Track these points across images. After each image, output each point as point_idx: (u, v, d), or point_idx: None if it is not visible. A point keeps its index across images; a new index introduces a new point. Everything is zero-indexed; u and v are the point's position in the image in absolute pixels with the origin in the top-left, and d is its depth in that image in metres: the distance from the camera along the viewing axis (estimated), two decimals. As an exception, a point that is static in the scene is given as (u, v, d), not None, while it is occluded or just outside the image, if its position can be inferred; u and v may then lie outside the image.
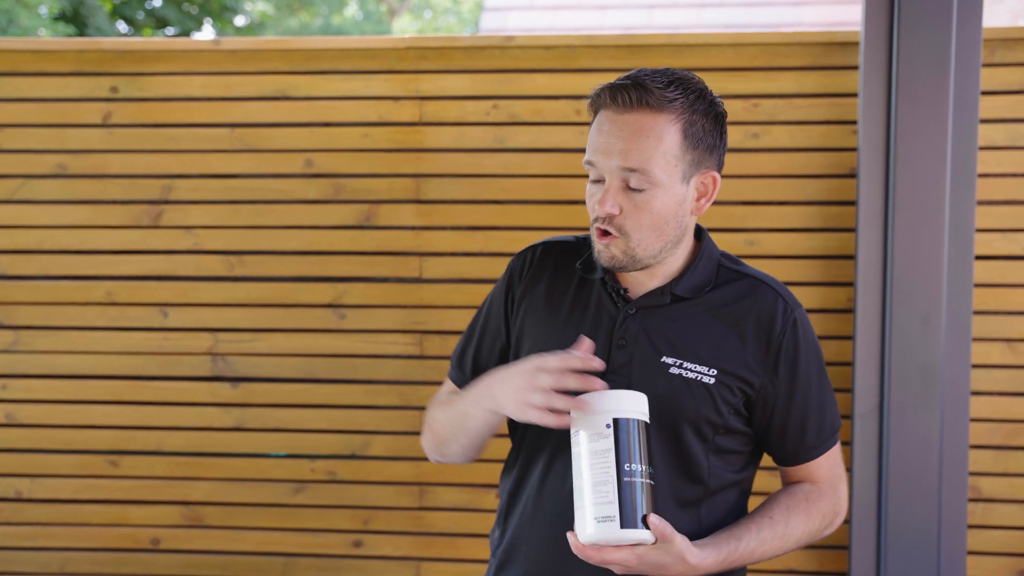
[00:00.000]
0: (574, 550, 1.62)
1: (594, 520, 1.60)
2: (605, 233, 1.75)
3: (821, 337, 3.25)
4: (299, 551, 3.47)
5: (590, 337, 1.79)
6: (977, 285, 3.19)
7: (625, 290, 1.83)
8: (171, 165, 3.41)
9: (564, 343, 1.80)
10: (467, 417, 1.85)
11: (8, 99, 3.43)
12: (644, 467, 1.61)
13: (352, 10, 17.65)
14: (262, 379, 3.44)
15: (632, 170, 1.70)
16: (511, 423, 1.93)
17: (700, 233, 1.89)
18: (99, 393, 3.47)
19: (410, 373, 3.39)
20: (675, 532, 1.63)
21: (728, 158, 3.23)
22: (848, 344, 3.24)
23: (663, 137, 1.71)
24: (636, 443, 1.61)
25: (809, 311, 3.20)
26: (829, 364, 3.24)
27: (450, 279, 3.36)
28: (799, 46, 3.25)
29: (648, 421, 1.65)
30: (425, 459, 3.40)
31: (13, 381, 3.48)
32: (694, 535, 1.75)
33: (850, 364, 3.23)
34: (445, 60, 3.34)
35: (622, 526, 1.59)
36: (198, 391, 3.45)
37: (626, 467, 1.59)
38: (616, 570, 1.65)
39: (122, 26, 12.97)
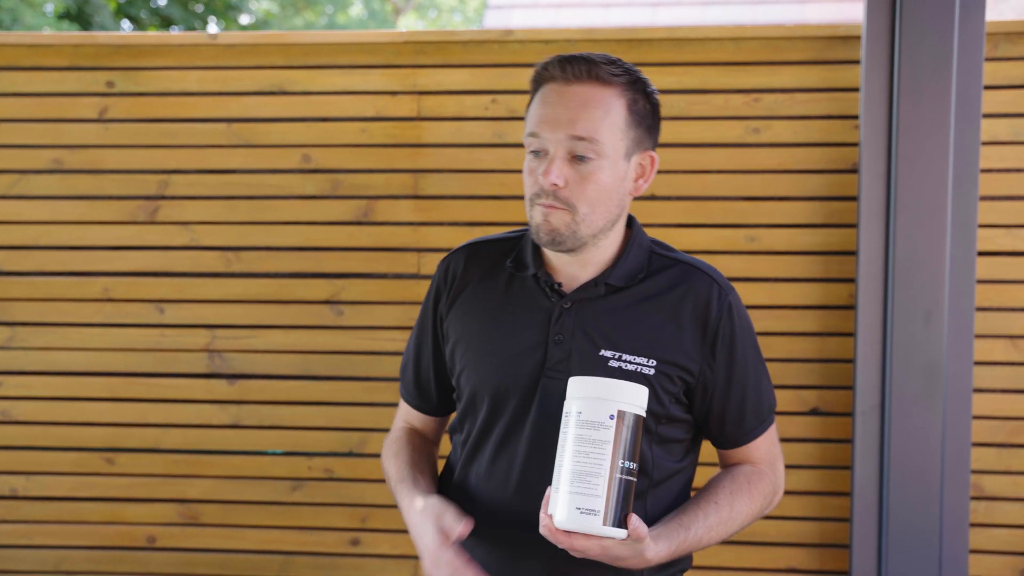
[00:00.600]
0: (543, 530, 1.59)
1: (576, 509, 1.56)
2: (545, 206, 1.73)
3: (822, 334, 3.23)
4: (296, 549, 3.45)
5: (524, 334, 1.80)
6: (980, 281, 3.16)
7: (559, 284, 1.81)
8: (168, 160, 3.39)
9: (499, 344, 1.81)
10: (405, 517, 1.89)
11: (3, 94, 3.41)
12: (635, 465, 1.59)
13: (357, 9, 17.64)
14: (259, 376, 3.41)
15: (580, 138, 1.69)
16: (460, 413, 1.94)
17: (630, 222, 1.88)
18: (95, 390, 3.45)
19: (408, 370, 3.36)
20: (647, 533, 1.62)
21: (729, 153, 3.23)
22: (849, 341, 3.21)
23: (610, 109, 1.71)
24: (634, 440, 1.58)
25: (810, 307, 3.20)
26: (830, 361, 3.22)
27: (448, 275, 3.33)
28: (800, 40, 3.22)
29: (645, 416, 1.62)
30: (423, 457, 3.38)
31: (9, 378, 3.46)
32: None
33: (851, 361, 3.20)
34: (443, 54, 3.32)
35: (604, 523, 1.56)
36: (195, 388, 3.43)
37: (620, 463, 1.57)
38: (575, 555, 1.62)
39: (126, 24, 12.96)
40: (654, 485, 1.80)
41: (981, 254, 3.16)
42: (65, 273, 3.43)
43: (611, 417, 1.56)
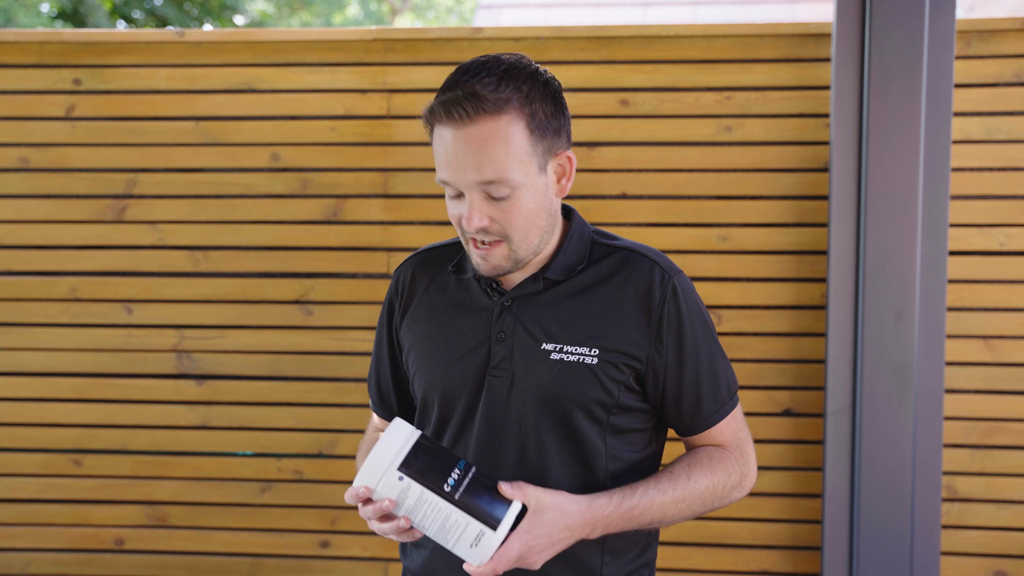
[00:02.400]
0: None
1: (469, 547, 1.57)
2: (482, 243, 1.71)
3: (794, 334, 3.20)
4: (266, 551, 3.42)
5: (468, 335, 1.78)
6: (951, 281, 3.13)
7: (498, 283, 1.79)
8: (135, 159, 3.36)
9: (445, 346, 1.79)
10: None
11: (-30, 92, 3.38)
12: (456, 472, 1.58)
13: (354, 10, 17.61)
14: (228, 377, 3.39)
15: (490, 182, 1.64)
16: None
17: (569, 213, 1.85)
18: (62, 391, 3.42)
19: (377, 370, 3.34)
20: (530, 491, 1.61)
21: (701, 152, 3.20)
22: (821, 341, 3.18)
23: (510, 140, 1.64)
24: (428, 467, 1.57)
25: (782, 308, 3.16)
26: (801, 362, 3.19)
27: (418, 275, 3.30)
28: (772, 38, 3.20)
29: (419, 432, 1.62)
30: (392, 458, 3.35)
31: (-24, 378, 3.44)
32: None
33: (822, 361, 3.17)
34: (413, 52, 3.29)
35: (495, 530, 1.56)
36: (163, 389, 3.40)
37: (446, 489, 1.56)
38: (523, 566, 1.61)
39: (122, 25, 12.94)
40: (612, 477, 1.76)
41: (953, 253, 3.13)
42: (31, 273, 3.40)
43: (400, 479, 1.56)
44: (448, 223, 3.29)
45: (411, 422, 2.02)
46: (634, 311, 1.74)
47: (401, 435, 1.60)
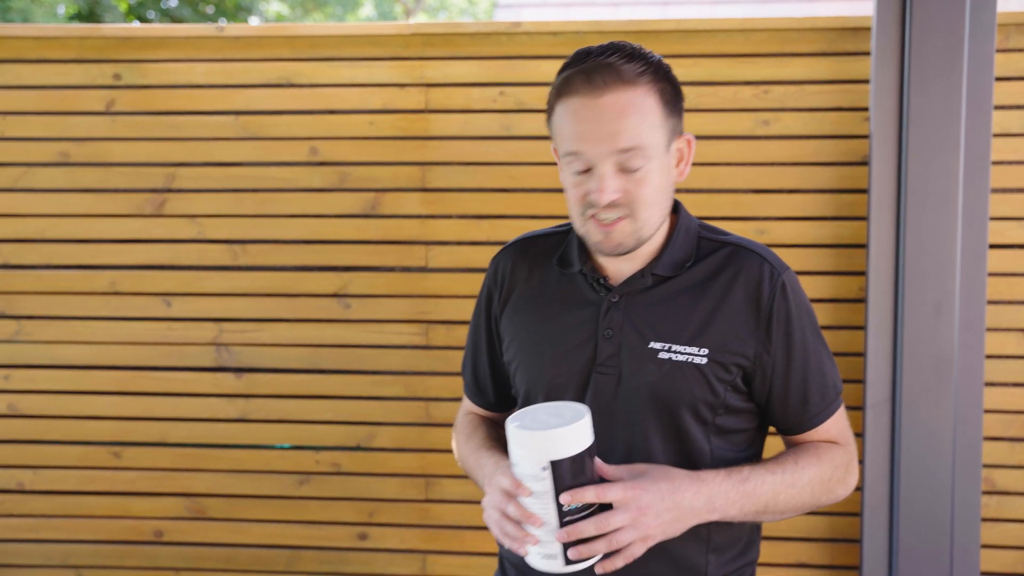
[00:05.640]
0: None
1: (539, 555, 1.57)
2: (604, 225, 1.69)
3: (832, 327, 3.21)
4: (304, 544, 3.43)
5: (574, 330, 1.76)
6: (991, 274, 3.13)
7: (605, 278, 1.78)
8: (174, 153, 3.38)
9: (550, 342, 1.78)
10: (480, 485, 1.85)
11: (10, 86, 3.40)
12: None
13: (367, 10, 17.62)
14: (266, 370, 3.40)
15: (627, 149, 1.64)
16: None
17: (676, 207, 1.84)
18: (102, 384, 3.44)
19: (416, 363, 3.35)
20: (624, 483, 1.56)
21: (738, 145, 3.21)
22: (859, 334, 3.19)
23: (646, 110, 1.66)
24: (573, 481, 1.53)
25: (820, 300, 3.17)
26: (840, 355, 3.19)
27: (456, 268, 3.32)
28: (810, 32, 3.20)
29: (592, 442, 1.56)
30: (431, 451, 3.37)
31: (15, 371, 3.45)
32: (705, 523, 1.70)
33: (862, 355, 3.18)
34: (451, 46, 3.30)
35: (565, 564, 1.55)
36: (202, 382, 3.42)
37: (564, 510, 1.54)
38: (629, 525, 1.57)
39: (136, 25, 12.98)
40: None
41: (992, 247, 3.13)
42: (72, 266, 3.42)
43: (544, 468, 1.53)
44: (486, 217, 3.30)
45: (508, 408, 2.00)
46: (743, 308, 1.73)
47: (581, 435, 1.55)
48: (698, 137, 3.23)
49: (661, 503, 1.58)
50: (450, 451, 3.35)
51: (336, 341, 3.38)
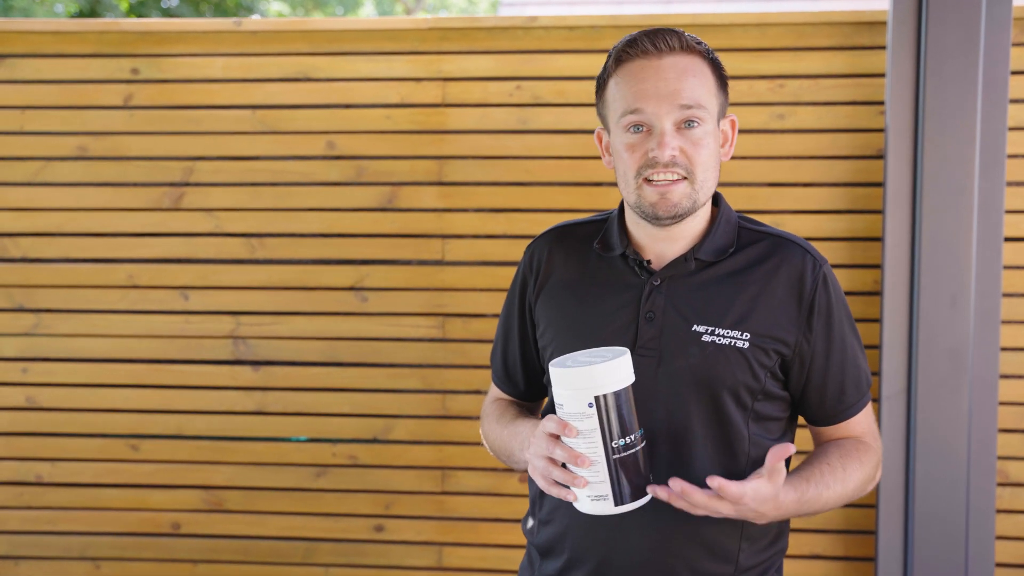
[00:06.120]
0: (670, 492, 1.59)
1: (588, 499, 1.60)
2: (659, 185, 1.72)
3: (847, 320, 3.22)
4: (320, 536, 3.45)
5: (615, 313, 1.78)
6: (1006, 267, 3.15)
7: (648, 262, 1.80)
8: (192, 147, 3.40)
9: (589, 325, 1.79)
10: (514, 458, 1.87)
11: (28, 81, 3.42)
12: (630, 437, 1.57)
13: (368, 10, 17.62)
14: (283, 362, 3.42)
15: (688, 107, 1.69)
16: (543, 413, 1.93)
17: (717, 198, 1.86)
18: (120, 377, 3.46)
19: (432, 356, 3.37)
20: (719, 488, 1.58)
21: (753, 139, 3.23)
22: (875, 327, 3.21)
23: (705, 75, 1.73)
24: (621, 414, 1.57)
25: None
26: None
27: (473, 261, 3.34)
28: (825, 26, 3.22)
29: (633, 380, 1.59)
30: (447, 443, 3.39)
31: (34, 364, 3.47)
32: None
33: (877, 347, 3.20)
34: (468, 41, 3.32)
35: (615, 504, 1.58)
36: (219, 375, 3.44)
37: (613, 445, 1.56)
38: (701, 512, 1.61)
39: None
40: (752, 464, 1.76)
41: (1007, 239, 3.15)
42: (90, 260, 3.44)
43: (590, 405, 1.56)
44: (503, 211, 3.32)
45: (537, 398, 2.02)
46: (786, 297, 1.76)
47: (623, 371, 1.58)
48: (714, 131, 3.25)
49: (768, 502, 1.62)
50: (467, 443, 3.37)
51: (353, 334, 3.40)
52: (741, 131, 3.25)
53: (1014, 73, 3.11)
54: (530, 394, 2.01)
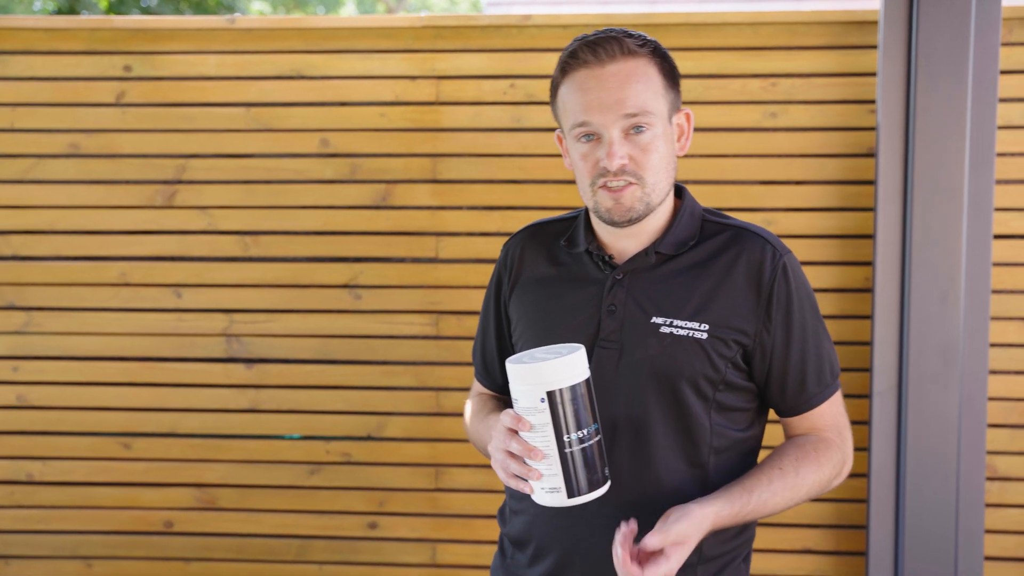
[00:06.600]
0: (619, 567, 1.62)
1: (543, 491, 1.63)
2: (614, 189, 1.75)
3: (838, 316, 3.26)
4: (314, 533, 3.45)
5: (579, 307, 1.82)
6: (995, 264, 3.19)
7: (610, 256, 1.84)
8: (185, 145, 3.39)
9: (556, 319, 1.83)
10: (487, 451, 1.87)
11: (20, 78, 3.40)
12: (584, 431, 1.61)
13: (349, 9, 17.58)
14: (277, 360, 3.42)
15: (633, 115, 1.72)
16: None
17: (680, 191, 1.90)
18: (112, 375, 3.45)
19: (426, 353, 3.38)
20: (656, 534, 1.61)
21: (746, 137, 3.26)
22: (866, 324, 3.24)
23: (649, 77, 1.74)
24: (571, 411, 1.60)
25: (826, 291, 3.22)
26: (847, 343, 3.25)
27: (467, 259, 3.35)
28: (817, 25, 3.25)
29: (588, 376, 1.62)
30: (441, 440, 3.40)
31: (25, 363, 3.46)
32: (701, 494, 1.76)
33: (867, 343, 3.23)
34: (462, 39, 3.33)
35: (568, 496, 1.61)
36: (212, 372, 3.43)
37: (564, 438, 1.60)
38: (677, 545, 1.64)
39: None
40: (716, 453, 1.80)
41: (997, 237, 3.19)
42: (82, 258, 3.43)
43: (542, 400, 1.59)
44: (497, 208, 3.33)
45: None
46: (745, 288, 1.78)
47: (575, 367, 1.60)
48: (707, 129, 3.28)
49: (693, 538, 1.64)
50: (460, 440, 3.38)
51: (347, 332, 3.40)
52: (733, 129, 3.28)
53: (1003, 72, 3.15)
54: (508, 389, 2.04)
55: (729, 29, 3.28)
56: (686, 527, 1.62)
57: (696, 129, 3.27)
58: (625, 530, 1.62)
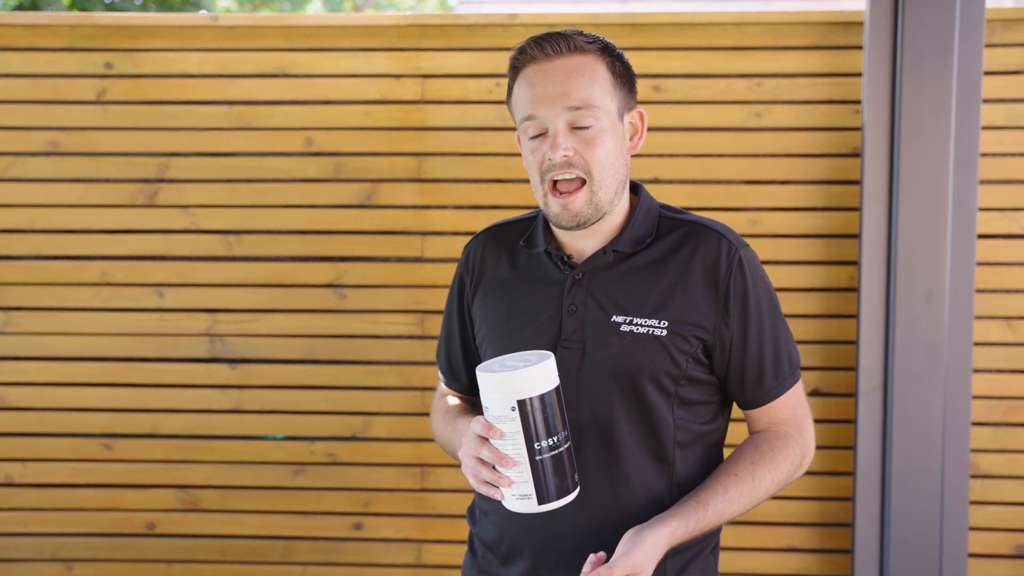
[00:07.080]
0: None
1: (514, 497, 1.65)
2: (562, 191, 1.77)
3: (824, 316, 3.27)
4: (299, 534, 3.43)
5: (540, 308, 1.83)
6: (979, 264, 3.22)
7: (569, 256, 1.85)
8: (167, 143, 3.36)
9: (518, 320, 1.84)
10: (456, 454, 1.89)
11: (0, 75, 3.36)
12: (554, 439, 1.63)
13: (315, 8, 17.50)
14: (261, 360, 3.40)
15: (577, 108, 1.73)
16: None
17: (637, 188, 1.91)
18: (93, 375, 3.41)
19: (411, 353, 3.37)
20: (618, 558, 1.64)
21: (731, 137, 3.27)
22: (850, 323, 3.26)
23: (596, 73, 1.76)
24: (542, 419, 1.62)
25: (811, 290, 3.24)
26: (832, 343, 3.26)
27: (452, 258, 3.34)
28: (802, 26, 3.26)
29: (557, 384, 1.65)
30: (426, 440, 3.39)
31: (4, 363, 3.41)
32: (668, 489, 1.79)
33: (852, 343, 3.25)
34: (447, 38, 3.32)
35: (539, 503, 1.64)
36: (195, 373, 3.40)
37: (535, 446, 1.62)
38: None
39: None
40: (681, 447, 1.81)
41: (980, 237, 3.21)
42: (62, 257, 3.39)
43: (512, 409, 1.61)
44: (482, 207, 3.33)
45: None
46: (702, 283, 1.80)
47: (546, 375, 1.62)
48: (692, 129, 3.28)
49: (647, 565, 1.66)
50: (446, 440, 3.36)
51: (331, 331, 3.38)
52: (718, 129, 3.28)
53: (987, 73, 3.17)
54: (474, 389, 2.04)
55: (714, 29, 3.28)
56: (637, 556, 1.64)
57: (681, 128, 3.29)
58: (593, 558, 1.65)
